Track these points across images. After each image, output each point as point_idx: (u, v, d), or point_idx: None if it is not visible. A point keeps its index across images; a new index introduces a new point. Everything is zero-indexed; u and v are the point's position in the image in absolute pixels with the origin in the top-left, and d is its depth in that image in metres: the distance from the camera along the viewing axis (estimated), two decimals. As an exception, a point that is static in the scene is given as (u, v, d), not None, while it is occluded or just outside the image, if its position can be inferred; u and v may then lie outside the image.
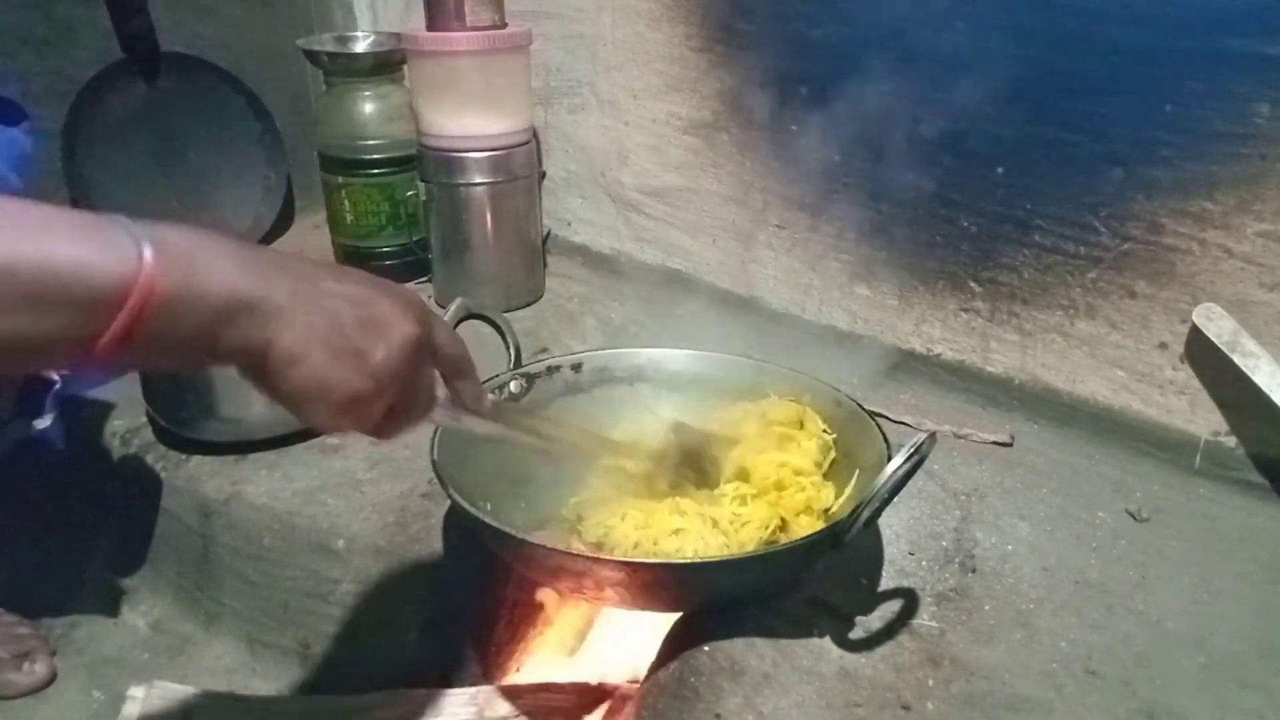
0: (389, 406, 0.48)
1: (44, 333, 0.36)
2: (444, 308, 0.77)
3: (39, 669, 0.84)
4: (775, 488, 0.74)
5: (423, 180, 1.22)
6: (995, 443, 0.94)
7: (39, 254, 0.35)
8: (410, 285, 1.30)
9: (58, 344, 0.37)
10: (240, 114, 1.44)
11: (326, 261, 0.48)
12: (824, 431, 0.78)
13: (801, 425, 0.79)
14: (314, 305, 0.44)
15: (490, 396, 0.60)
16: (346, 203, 1.32)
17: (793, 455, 0.76)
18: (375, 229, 1.33)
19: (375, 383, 0.45)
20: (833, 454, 0.78)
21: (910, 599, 0.71)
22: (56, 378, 0.80)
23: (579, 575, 0.64)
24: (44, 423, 0.80)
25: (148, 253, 0.38)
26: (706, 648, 0.65)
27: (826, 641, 0.66)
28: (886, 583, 0.74)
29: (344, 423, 0.46)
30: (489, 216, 1.20)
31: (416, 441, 0.93)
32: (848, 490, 0.73)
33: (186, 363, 0.43)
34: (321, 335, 0.43)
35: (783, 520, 0.72)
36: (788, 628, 0.67)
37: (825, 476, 0.77)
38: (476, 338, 0.70)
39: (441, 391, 0.55)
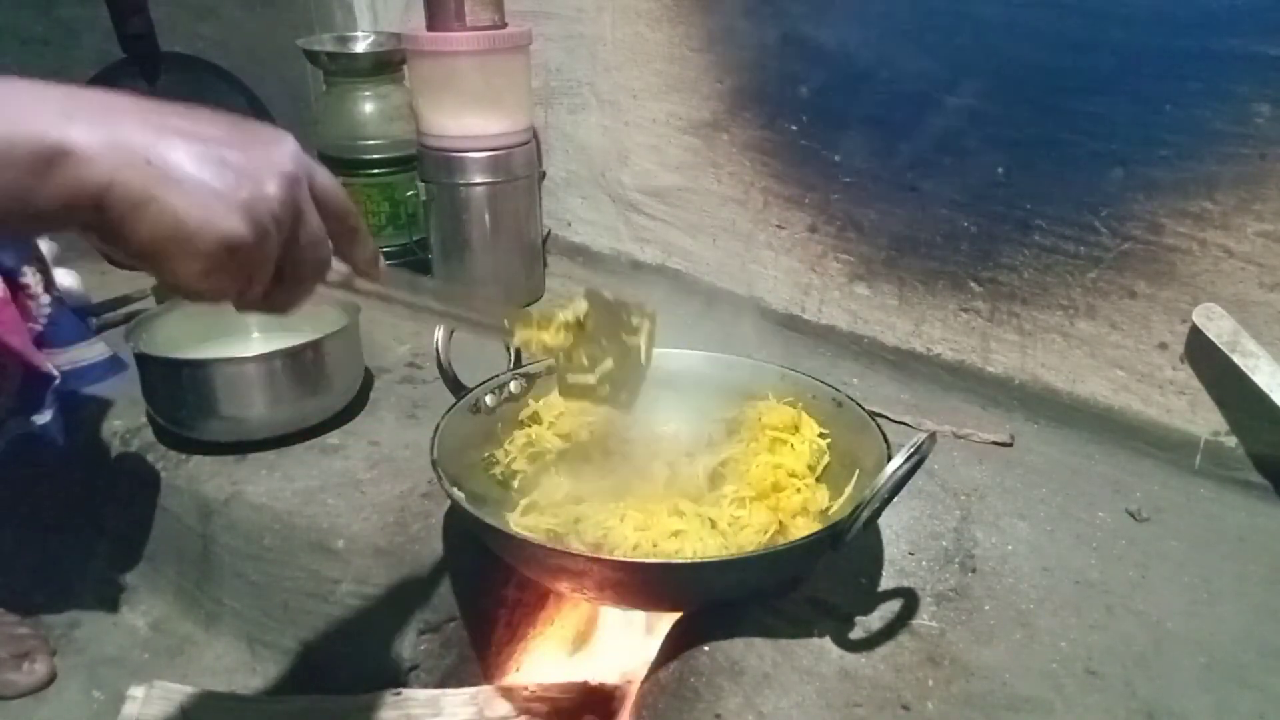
0: (275, 267, 0.41)
1: None
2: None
3: (39, 669, 0.84)
4: (773, 489, 0.74)
5: (423, 180, 1.22)
6: (995, 443, 0.94)
7: None
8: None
9: None
10: (240, 114, 1.43)
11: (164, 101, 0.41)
12: (820, 435, 0.78)
13: (796, 429, 0.79)
14: (154, 140, 0.37)
15: (384, 263, 0.53)
16: (346, 203, 1.32)
17: (785, 458, 0.76)
18: (375, 229, 1.33)
19: (247, 224, 0.38)
20: (826, 458, 0.78)
21: (910, 599, 0.71)
22: (56, 373, 0.80)
23: (579, 575, 0.64)
24: (43, 418, 0.80)
25: None
26: (706, 648, 0.65)
27: (826, 641, 0.66)
28: (886, 583, 0.73)
29: (221, 282, 0.39)
30: (489, 216, 1.20)
31: (417, 441, 0.94)
32: (848, 490, 0.73)
33: (15, 225, 0.36)
34: (169, 172, 0.37)
35: (780, 523, 0.72)
36: (788, 628, 0.67)
37: (821, 478, 0.77)
38: (477, 338, 0.69)
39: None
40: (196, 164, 0.38)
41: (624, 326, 0.70)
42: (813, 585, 0.71)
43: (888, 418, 0.95)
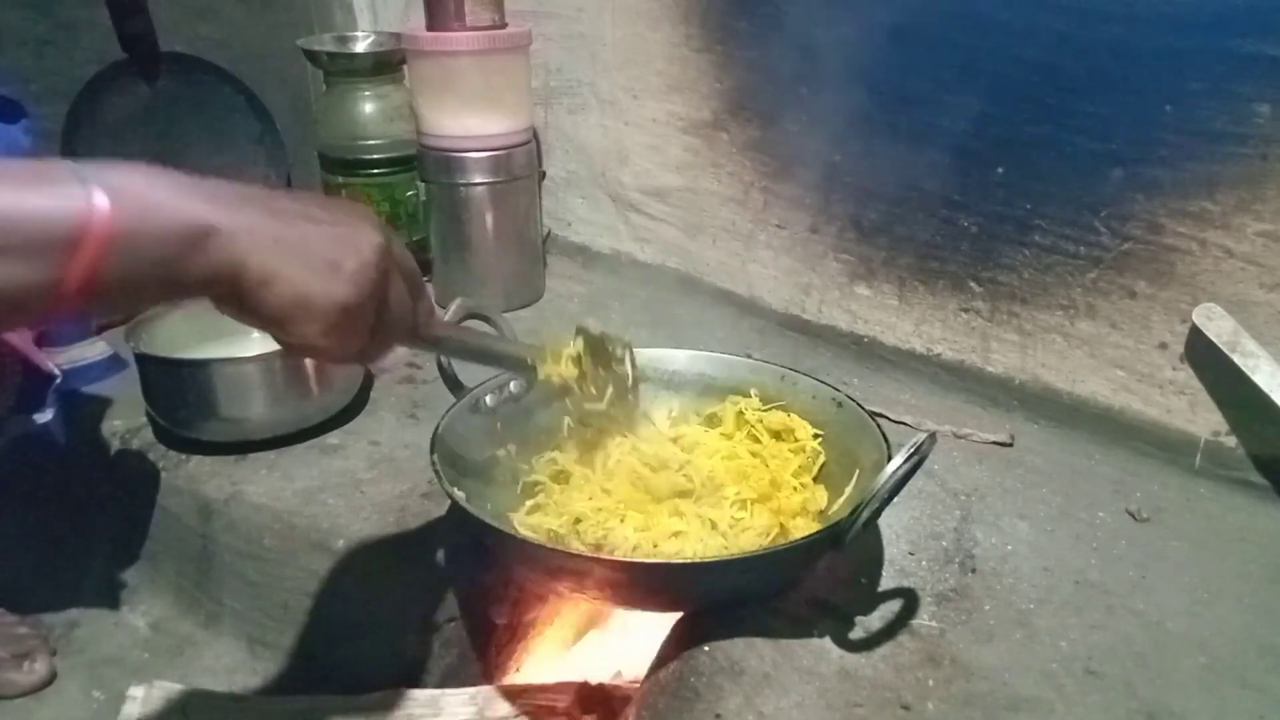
0: (371, 325, 0.49)
1: (10, 283, 0.37)
2: (444, 308, 0.77)
3: (39, 668, 0.84)
4: (771, 485, 0.74)
5: (423, 180, 1.22)
6: (995, 443, 0.94)
7: None
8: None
9: (26, 293, 0.38)
10: (240, 114, 1.43)
11: (278, 189, 0.50)
12: (814, 436, 0.78)
13: (786, 434, 0.79)
14: (278, 224, 0.44)
15: (439, 312, 0.63)
16: (346, 203, 1.32)
17: (774, 468, 0.76)
18: (375, 229, 1.33)
19: (356, 289, 0.46)
20: (822, 458, 0.78)
21: (910, 599, 0.71)
22: (57, 372, 0.80)
23: (579, 575, 0.64)
24: (44, 417, 0.80)
25: (98, 194, 0.39)
26: (706, 648, 0.65)
27: (826, 641, 0.66)
28: (886, 583, 0.73)
29: (336, 340, 0.47)
30: (489, 216, 1.20)
31: (417, 441, 0.94)
32: (848, 490, 0.73)
33: (160, 297, 0.43)
34: (292, 250, 0.44)
35: (781, 525, 0.72)
36: (788, 628, 0.67)
37: (820, 479, 0.77)
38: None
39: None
40: (313, 242, 0.45)
41: (612, 357, 0.78)
42: (813, 585, 0.71)
43: (888, 418, 0.95)
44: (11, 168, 0.39)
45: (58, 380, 0.80)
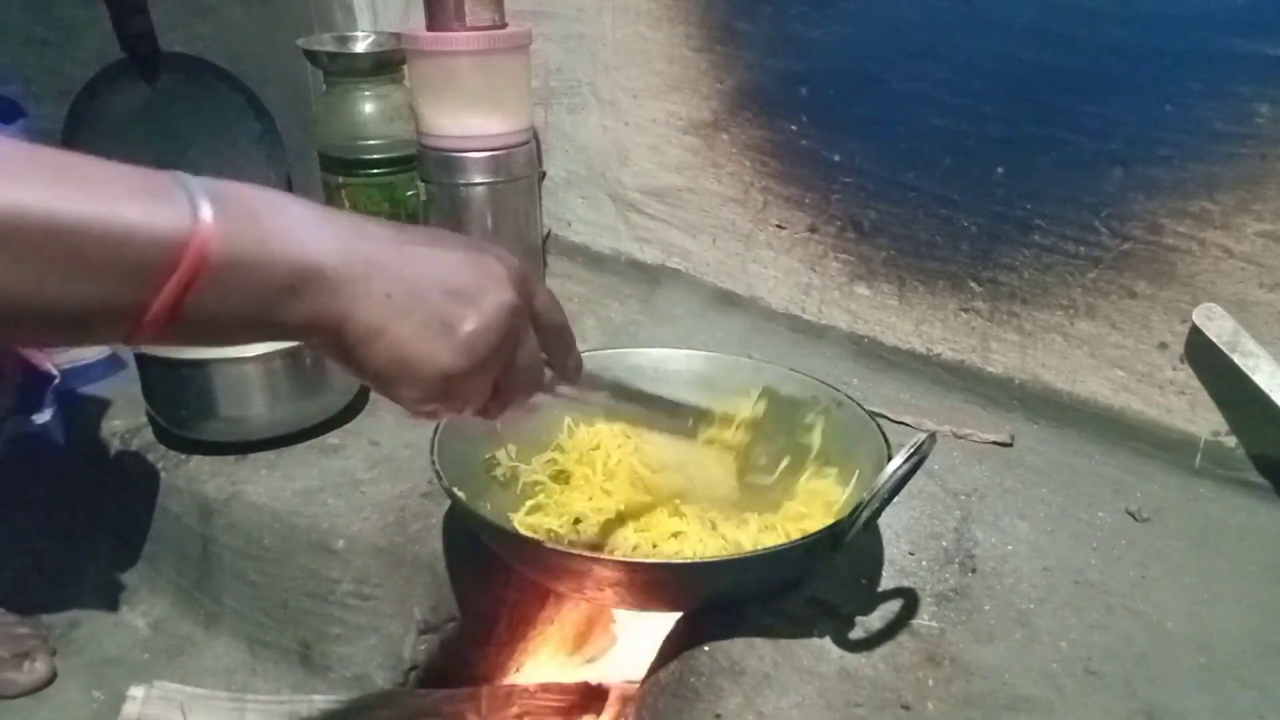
0: (494, 385, 0.44)
1: (85, 301, 0.32)
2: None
3: (39, 668, 0.84)
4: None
5: (423, 180, 1.22)
6: (995, 443, 0.94)
7: (83, 210, 0.31)
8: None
9: (100, 315, 0.33)
10: (240, 114, 1.43)
11: (413, 224, 0.44)
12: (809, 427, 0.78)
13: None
14: (395, 271, 0.39)
15: (586, 368, 0.55)
16: (346, 203, 1.32)
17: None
18: (375, 229, 1.33)
19: (467, 358, 0.41)
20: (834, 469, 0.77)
21: (910, 599, 0.71)
22: (56, 372, 0.80)
23: (579, 575, 0.64)
24: (43, 417, 0.80)
25: (205, 211, 0.34)
26: (706, 648, 0.65)
27: (826, 641, 0.66)
28: (886, 583, 0.73)
29: (440, 405, 0.42)
30: (489, 216, 1.20)
31: (417, 441, 0.94)
32: (848, 490, 0.73)
33: (249, 337, 0.38)
34: (403, 305, 0.39)
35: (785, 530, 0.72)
36: (788, 628, 0.67)
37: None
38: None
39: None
40: (431, 295, 0.40)
41: (798, 424, 0.73)
42: (813, 585, 0.71)
43: (888, 418, 0.95)
44: (109, 170, 0.34)
45: (56, 380, 0.80)
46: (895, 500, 0.62)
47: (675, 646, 0.67)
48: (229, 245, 0.34)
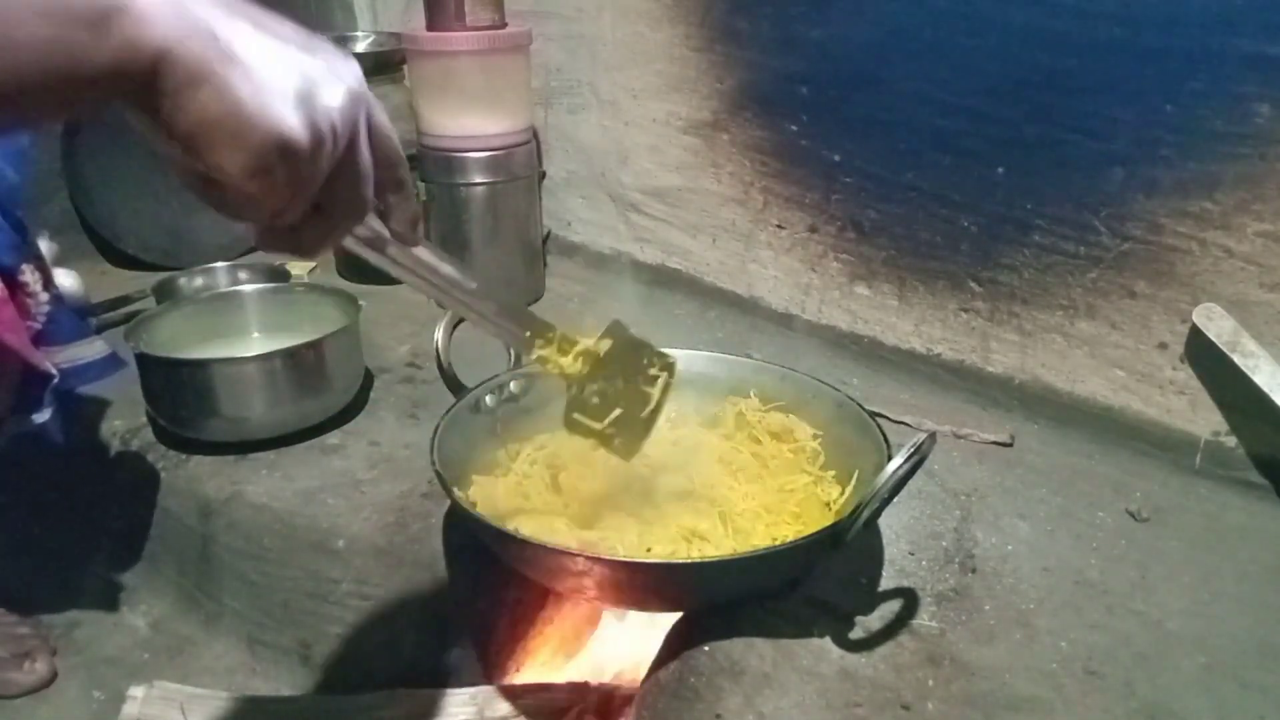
0: (317, 188, 0.38)
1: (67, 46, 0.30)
2: (444, 308, 0.77)
3: (40, 668, 0.84)
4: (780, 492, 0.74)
5: (423, 180, 1.22)
6: (995, 443, 0.94)
7: None
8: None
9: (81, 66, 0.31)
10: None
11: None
12: (814, 436, 0.78)
13: (786, 435, 0.79)
14: (230, 19, 0.35)
15: (422, 233, 0.49)
16: (346, 203, 1.32)
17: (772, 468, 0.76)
18: (375, 229, 1.33)
19: (308, 127, 0.35)
20: (821, 458, 0.78)
21: (910, 599, 0.71)
22: (55, 372, 0.79)
23: (579, 575, 0.64)
24: (42, 416, 0.80)
25: None
26: (706, 648, 0.65)
27: (826, 641, 0.66)
28: (886, 583, 0.73)
29: (264, 186, 0.35)
30: (489, 216, 1.20)
31: (417, 441, 0.94)
32: (848, 490, 0.73)
33: (63, 94, 0.32)
34: (239, 52, 0.34)
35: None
36: (788, 628, 0.67)
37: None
38: (477, 338, 0.69)
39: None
40: (264, 52, 0.35)
41: (642, 372, 0.68)
42: (813, 585, 0.71)
43: (888, 418, 0.95)
44: None
45: (55, 380, 0.80)
46: (895, 500, 0.62)
47: (675, 646, 0.67)
48: None
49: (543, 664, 0.87)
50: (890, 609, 0.70)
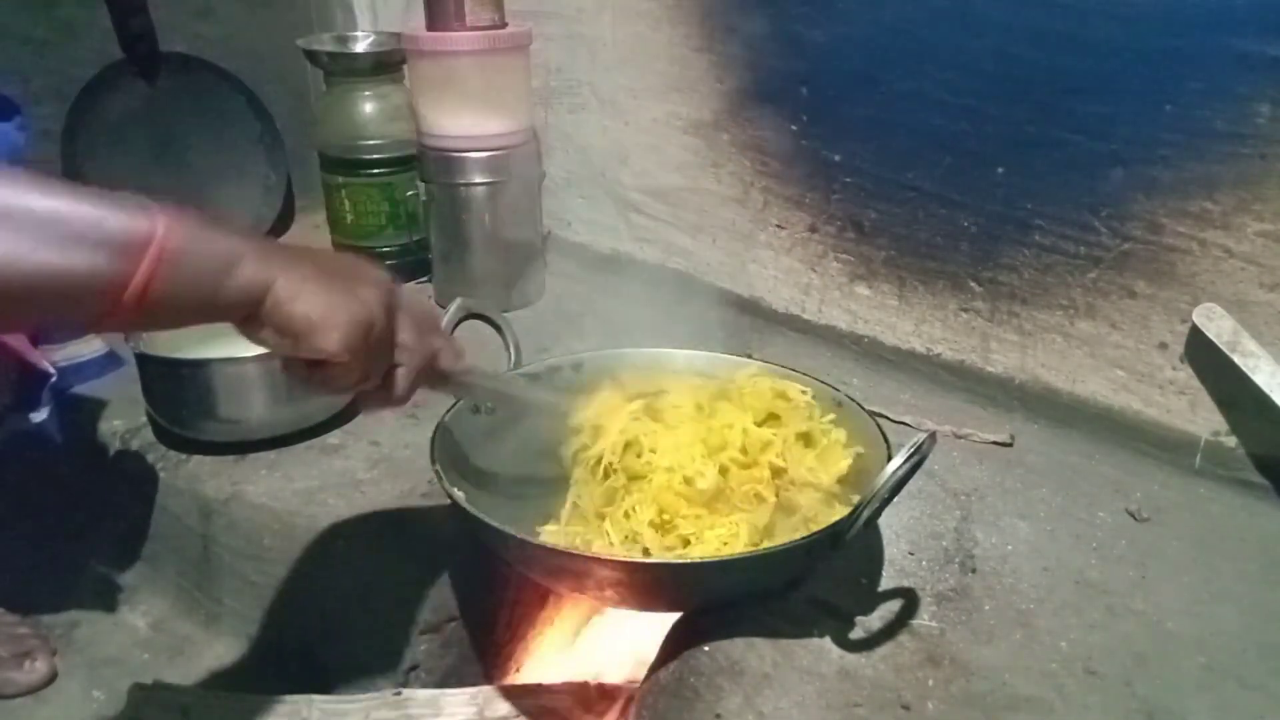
0: (387, 350, 0.56)
1: (81, 272, 0.42)
2: (444, 308, 0.77)
3: (40, 668, 0.84)
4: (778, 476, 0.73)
5: (423, 180, 1.22)
6: (995, 443, 0.94)
7: (74, 204, 0.42)
8: (411, 285, 1.31)
9: (89, 284, 0.42)
10: (240, 114, 1.44)
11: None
12: (802, 392, 0.78)
13: (772, 419, 0.78)
14: (301, 258, 0.51)
15: (465, 360, 0.65)
16: (347, 203, 1.32)
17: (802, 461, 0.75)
18: (375, 229, 1.33)
19: (367, 309, 0.52)
20: (831, 415, 0.77)
21: (910, 599, 0.71)
22: (53, 371, 0.80)
23: (579, 575, 0.64)
24: (40, 416, 0.80)
25: (160, 215, 0.45)
26: (706, 648, 0.65)
27: (826, 641, 0.66)
28: (886, 583, 0.74)
29: (355, 353, 0.52)
30: (489, 216, 1.20)
31: (417, 441, 0.94)
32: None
33: (199, 314, 0.49)
34: (313, 276, 0.51)
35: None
36: (788, 628, 0.67)
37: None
38: (477, 338, 0.70)
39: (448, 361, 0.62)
40: (328, 272, 0.52)
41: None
42: (813, 585, 0.71)
43: (888, 418, 0.95)
44: (84, 186, 0.44)
45: (53, 378, 0.80)
46: (895, 500, 0.62)
47: (675, 646, 0.67)
48: (181, 234, 0.45)
49: (543, 664, 0.87)
50: (890, 609, 0.70)
